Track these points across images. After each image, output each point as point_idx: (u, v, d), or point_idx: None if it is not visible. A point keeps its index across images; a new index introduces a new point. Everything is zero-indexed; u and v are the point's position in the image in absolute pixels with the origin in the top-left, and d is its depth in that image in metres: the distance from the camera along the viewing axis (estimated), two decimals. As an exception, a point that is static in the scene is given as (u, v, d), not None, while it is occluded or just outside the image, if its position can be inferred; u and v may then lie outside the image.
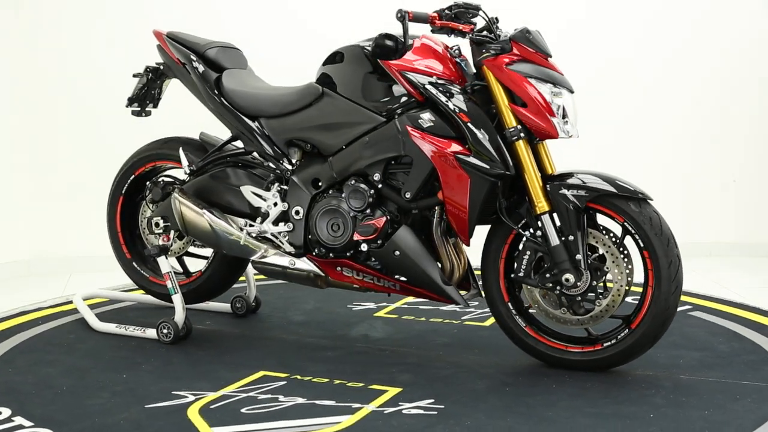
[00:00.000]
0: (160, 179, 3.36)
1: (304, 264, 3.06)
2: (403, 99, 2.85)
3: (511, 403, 2.54)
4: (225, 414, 2.48)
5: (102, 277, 3.74)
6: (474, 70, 2.88)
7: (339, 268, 3.00)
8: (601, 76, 4.66)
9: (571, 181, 2.75)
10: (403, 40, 2.72)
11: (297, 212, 3.04)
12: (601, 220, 2.80)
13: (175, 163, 3.38)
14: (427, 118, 2.78)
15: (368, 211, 2.89)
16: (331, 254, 3.00)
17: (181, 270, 3.53)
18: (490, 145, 2.73)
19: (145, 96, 3.39)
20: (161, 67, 3.36)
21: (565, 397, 2.58)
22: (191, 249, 3.47)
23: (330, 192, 3.00)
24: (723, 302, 3.65)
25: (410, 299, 3.80)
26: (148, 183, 3.36)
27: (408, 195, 2.84)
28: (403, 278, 2.92)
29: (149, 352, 3.08)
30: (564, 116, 2.77)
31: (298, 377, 2.80)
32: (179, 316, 3.20)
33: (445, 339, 3.23)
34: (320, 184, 3.01)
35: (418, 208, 2.86)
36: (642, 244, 2.69)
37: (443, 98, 2.76)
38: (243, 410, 2.51)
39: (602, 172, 2.79)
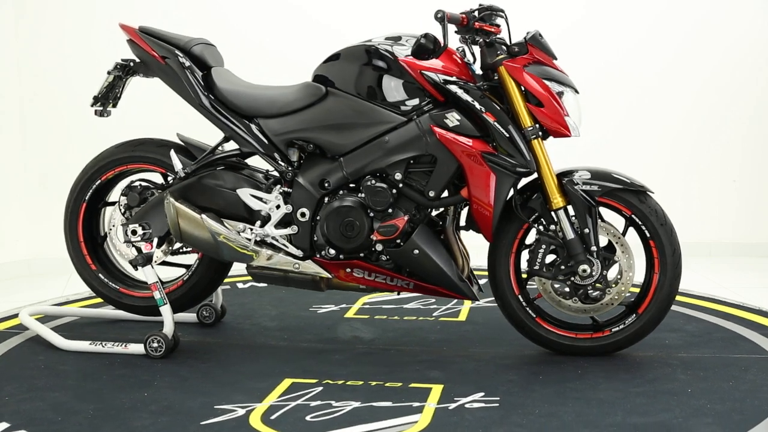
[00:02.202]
0: (136, 183, 3.16)
1: (309, 267, 3.00)
2: (422, 98, 2.88)
3: (559, 390, 2.65)
4: (294, 424, 2.40)
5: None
6: (480, 71, 2.96)
7: (348, 270, 2.98)
8: (602, 76, 4.72)
9: (582, 177, 2.91)
10: (441, 41, 2.74)
11: (303, 214, 2.98)
12: (605, 212, 2.98)
13: (150, 166, 3.20)
14: (452, 117, 2.84)
15: (389, 210, 2.90)
16: (341, 255, 2.97)
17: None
18: (514, 143, 2.83)
19: (108, 95, 3.16)
20: (131, 64, 3.15)
21: (601, 380, 2.73)
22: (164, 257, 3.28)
23: (340, 192, 2.96)
24: (722, 302, 3.69)
25: (368, 299, 3.83)
26: (124, 188, 3.15)
27: (432, 194, 2.87)
28: (418, 276, 2.95)
29: (148, 368, 2.90)
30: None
31: (330, 382, 2.75)
32: (169, 328, 3.04)
33: (436, 336, 3.29)
34: (327, 185, 2.96)
35: (441, 207, 2.91)
36: (648, 235, 2.91)
37: (469, 98, 2.82)
38: (307, 418, 2.44)
39: (598, 168, 2.97)
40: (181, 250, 3.23)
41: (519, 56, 2.86)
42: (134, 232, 3.10)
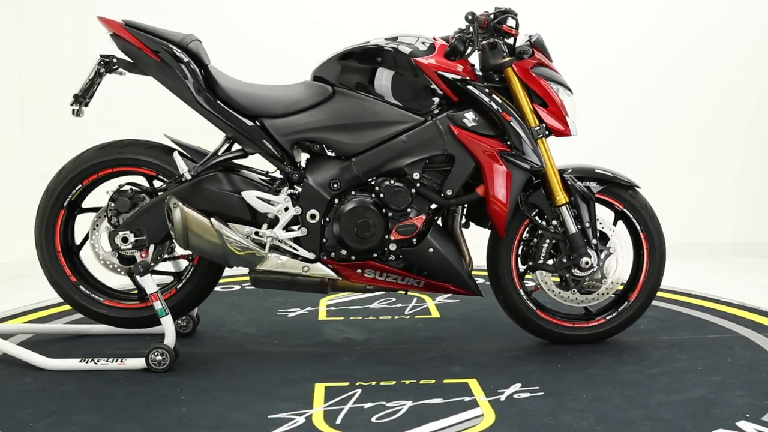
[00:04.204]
0: (126, 188, 2.96)
1: (319, 269, 2.96)
2: (437, 99, 2.92)
3: (585, 376, 2.78)
4: (364, 426, 2.38)
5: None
6: (479, 72, 3.05)
7: (359, 270, 2.96)
8: (602, 76, 4.70)
9: (580, 174, 3.07)
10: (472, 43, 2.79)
11: (312, 216, 2.93)
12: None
13: (140, 169, 3.01)
14: (470, 117, 2.90)
15: (408, 210, 2.91)
16: (353, 257, 2.95)
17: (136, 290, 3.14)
18: (528, 142, 2.93)
19: (86, 93, 2.95)
20: (114, 60, 2.95)
21: (615, 365, 2.90)
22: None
23: (353, 193, 2.94)
24: (722, 302, 3.71)
25: (329, 300, 3.81)
26: (113, 192, 2.94)
27: (449, 192, 2.92)
28: (430, 274, 2.98)
29: (161, 383, 2.75)
30: (566, 115, 3.08)
31: (363, 384, 2.73)
32: (171, 339, 2.89)
33: (425, 333, 3.33)
34: (337, 185, 2.93)
35: (457, 205, 2.96)
36: (639, 227, 3.12)
37: (486, 98, 2.90)
38: (374, 420, 2.42)
39: (580, 165, 3.14)
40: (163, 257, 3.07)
41: (526, 59, 2.97)
42: (125, 240, 2.91)
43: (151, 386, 2.71)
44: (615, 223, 3.16)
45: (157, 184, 3.05)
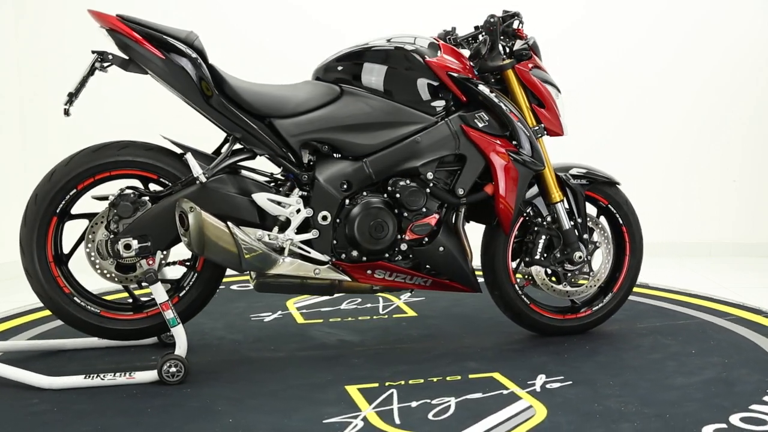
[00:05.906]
0: (128, 192, 2.80)
1: (329, 271, 2.92)
2: (446, 99, 2.96)
3: (597, 365, 2.91)
4: (428, 423, 2.38)
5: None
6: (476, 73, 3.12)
7: (369, 271, 2.96)
8: (602, 76, 4.72)
9: (571, 172, 3.20)
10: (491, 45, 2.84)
11: (324, 217, 2.89)
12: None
13: (139, 172, 2.85)
14: (481, 117, 2.96)
15: (424, 210, 2.93)
16: (364, 257, 2.93)
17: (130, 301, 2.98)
18: (531, 142, 3.03)
19: (80, 91, 2.77)
20: (110, 57, 2.78)
21: (616, 352, 3.04)
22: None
23: (363, 194, 2.93)
24: (723, 302, 3.75)
25: (303, 303, 3.77)
26: (115, 197, 2.77)
27: (461, 191, 2.97)
28: (438, 273, 3.02)
29: (182, 395, 2.62)
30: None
31: (392, 383, 2.72)
32: (183, 350, 2.77)
33: (415, 332, 3.36)
34: (348, 186, 2.91)
35: (468, 204, 3.01)
36: (621, 222, 3.30)
37: (495, 99, 2.97)
38: (430, 417, 2.43)
39: (564, 163, 3.28)
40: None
41: (524, 61, 3.07)
42: (128, 247, 2.75)
43: (173, 399, 2.58)
44: (598, 218, 3.32)
45: (153, 187, 2.91)
